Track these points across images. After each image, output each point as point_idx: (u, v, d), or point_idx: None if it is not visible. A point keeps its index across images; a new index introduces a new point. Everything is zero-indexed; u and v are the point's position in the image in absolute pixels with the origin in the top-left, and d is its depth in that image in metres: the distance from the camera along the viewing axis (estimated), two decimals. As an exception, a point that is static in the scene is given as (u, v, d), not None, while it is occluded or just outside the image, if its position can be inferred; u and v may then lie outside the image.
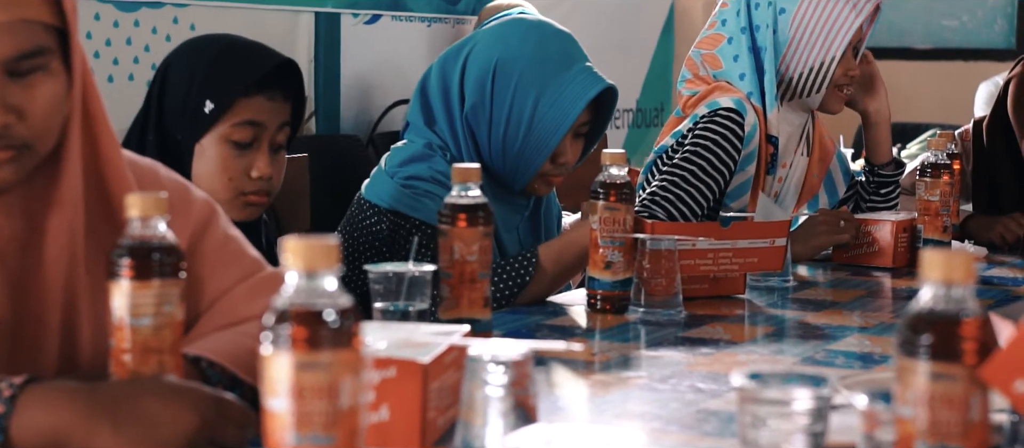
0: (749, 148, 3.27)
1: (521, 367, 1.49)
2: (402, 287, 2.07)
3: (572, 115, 2.75)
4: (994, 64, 7.22)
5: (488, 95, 2.78)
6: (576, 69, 2.79)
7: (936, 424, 1.29)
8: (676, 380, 2.02)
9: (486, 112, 2.78)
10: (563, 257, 2.66)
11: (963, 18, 8.14)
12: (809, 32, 3.31)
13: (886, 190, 3.58)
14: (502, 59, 2.78)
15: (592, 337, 2.42)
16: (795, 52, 3.31)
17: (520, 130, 2.76)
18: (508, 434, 1.45)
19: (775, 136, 3.33)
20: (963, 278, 1.29)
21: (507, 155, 2.78)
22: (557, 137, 2.76)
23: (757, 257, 2.72)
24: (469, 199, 2.18)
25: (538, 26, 2.86)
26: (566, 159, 2.82)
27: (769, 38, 3.31)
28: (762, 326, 2.56)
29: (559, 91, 2.76)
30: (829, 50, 3.30)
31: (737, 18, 3.38)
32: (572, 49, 2.84)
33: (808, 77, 3.32)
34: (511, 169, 2.78)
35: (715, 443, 1.68)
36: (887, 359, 2.18)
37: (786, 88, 3.34)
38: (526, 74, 2.77)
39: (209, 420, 1.54)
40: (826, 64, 3.31)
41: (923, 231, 3.29)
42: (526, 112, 2.76)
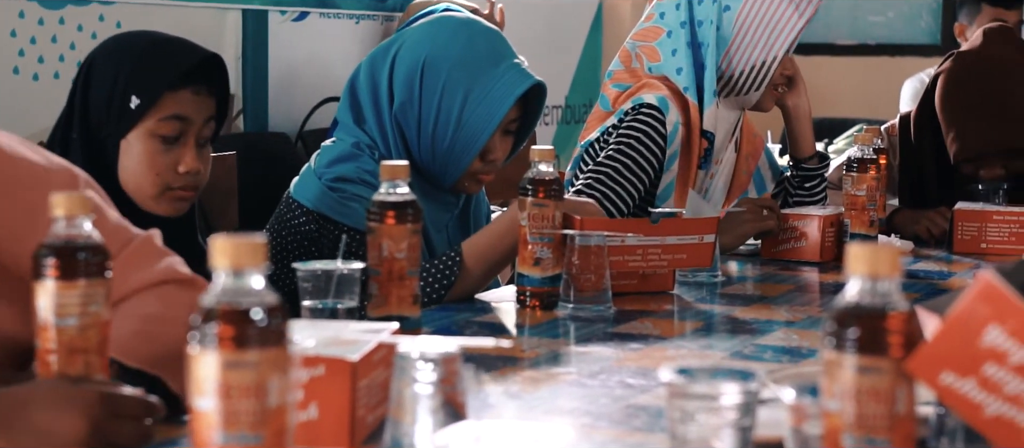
0: (672, 147, 3.28)
1: (450, 364, 1.48)
2: (331, 285, 2.06)
3: (500, 112, 2.75)
4: (920, 60, 7.27)
5: (417, 93, 2.77)
6: (504, 66, 2.79)
7: (863, 417, 1.30)
8: (605, 376, 2.02)
9: (415, 110, 2.77)
10: (487, 254, 2.66)
11: (889, 14, 8.19)
12: (753, 30, 3.32)
13: (811, 184, 3.60)
14: (430, 57, 2.78)
15: (521, 333, 2.42)
16: (738, 50, 3.33)
17: (449, 128, 2.76)
18: (437, 431, 1.45)
19: (711, 132, 3.34)
20: (889, 272, 1.30)
21: (436, 153, 2.77)
22: (486, 134, 2.76)
23: (686, 253, 2.73)
24: (398, 196, 2.18)
25: (466, 24, 2.85)
26: (496, 156, 2.81)
27: (712, 34, 3.33)
28: (691, 321, 2.57)
29: (487, 88, 2.76)
30: (772, 49, 3.32)
31: (677, 12, 3.39)
32: (500, 46, 2.83)
33: (749, 75, 3.34)
34: (441, 167, 2.78)
35: (644, 438, 1.68)
36: (815, 353, 2.19)
37: (725, 85, 3.36)
38: (454, 72, 2.77)
39: (100, 423, 1.53)
40: (768, 63, 3.33)
41: (850, 225, 3.32)
42: (455, 110, 2.75)
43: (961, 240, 3.49)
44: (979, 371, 1.33)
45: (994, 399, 1.33)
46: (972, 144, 3.61)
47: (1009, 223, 3.46)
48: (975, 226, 3.48)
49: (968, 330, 1.33)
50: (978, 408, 1.34)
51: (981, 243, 3.47)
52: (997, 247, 3.45)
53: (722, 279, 2.94)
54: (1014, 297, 1.33)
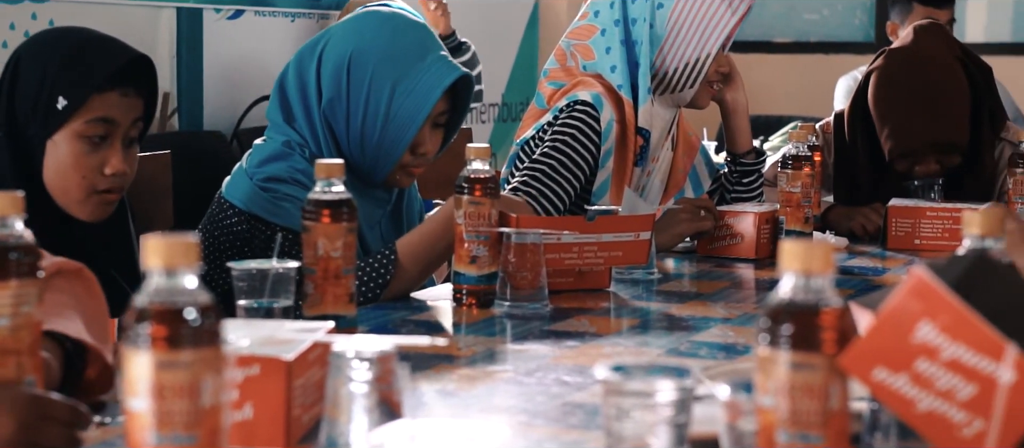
0: (607, 144, 3.28)
1: (385, 363, 1.48)
2: (266, 284, 2.05)
3: (428, 104, 2.75)
4: (854, 57, 7.31)
5: (344, 89, 2.77)
6: (431, 59, 2.79)
7: (797, 413, 1.31)
8: (541, 374, 2.02)
9: (343, 106, 2.77)
10: (422, 252, 2.65)
11: (824, 12, 8.24)
12: (686, 28, 3.34)
13: (748, 179, 3.62)
14: (356, 52, 2.77)
15: (458, 332, 2.42)
16: (671, 47, 3.34)
17: (378, 122, 2.76)
18: (373, 430, 1.45)
19: (647, 129, 3.35)
20: (822, 269, 1.31)
21: (366, 148, 2.77)
22: (414, 127, 2.75)
23: (622, 250, 2.74)
24: (333, 195, 2.17)
25: (392, 18, 2.85)
26: (426, 149, 2.81)
27: (645, 32, 3.34)
28: (627, 318, 2.58)
29: (414, 81, 2.75)
30: (705, 47, 3.34)
31: (611, 10, 3.40)
32: (426, 39, 2.83)
33: (683, 72, 3.35)
34: (371, 161, 2.77)
35: (580, 435, 1.68)
36: (750, 349, 2.20)
37: (660, 82, 3.37)
38: (381, 66, 2.76)
39: (28, 423, 1.53)
40: (701, 60, 3.35)
41: (785, 222, 3.33)
42: (383, 104, 2.75)
43: (895, 236, 3.51)
44: (911, 367, 1.34)
45: (926, 394, 1.34)
46: (905, 141, 3.64)
47: (942, 219, 3.48)
48: (909, 222, 3.51)
49: (900, 326, 1.34)
50: (910, 403, 1.35)
51: (915, 239, 3.50)
52: (930, 243, 3.47)
53: (658, 276, 2.95)
54: (946, 293, 1.34)
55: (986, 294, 1.43)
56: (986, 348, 1.33)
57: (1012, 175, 3.49)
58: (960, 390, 1.34)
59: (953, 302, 1.34)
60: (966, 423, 1.34)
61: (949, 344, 1.33)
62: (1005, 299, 1.47)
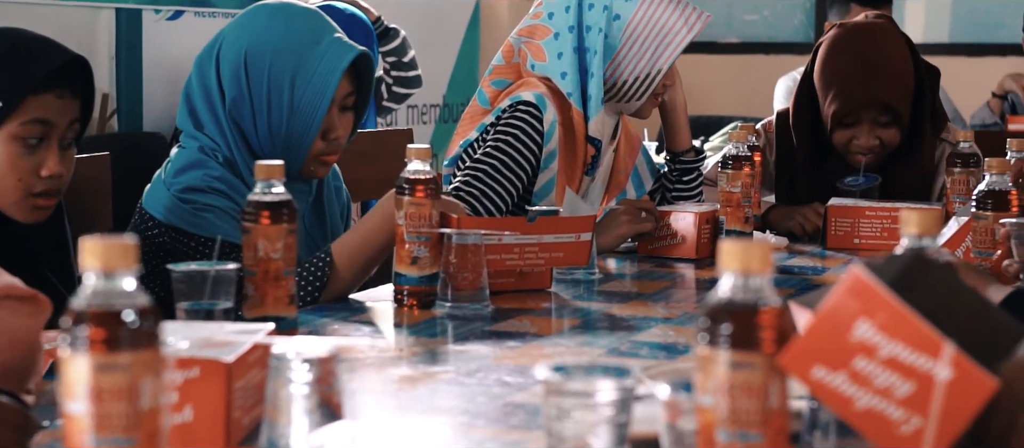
0: (550, 145, 3.29)
1: (326, 364, 1.48)
2: (206, 286, 2.05)
3: (330, 88, 2.75)
4: (794, 58, 7.34)
5: (245, 87, 2.76)
6: (326, 42, 2.78)
7: (736, 412, 1.31)
8: (483, 374, 2.02)
9: (247, 103, 2.76)
10: (358, 254, 2.64)
11: (764, 13, 8.27)
12: (641, 41, 3.35)
13: (689, 178, 3.63)
14: (251, 47, 2.76)
15: (399, 333, 2.42)
16: (624, 59, 3.35)
17: (283, 114, 2.75)
18: (313, 432, 1.44)
19: (599, 139, 3.36)
20: (760, 268, 1.31)
21: (276, 141, 2.76)
22: (320, 113, 2.75)
23: (563, 251, 2.74)
24: (273, 196, 2.17)
25: (282, 8, 2.84)
26: (337, 134, 2.81)
27: (599, 41, 3.34)
28: (568, 319, 2.58)
29: (313, 67, 2.75)
30: (657, 61, 3.35)
31: (566, 15, 3.39)
32: (319, 23, 2.82)
33: (633, 84, 3.36)
34: (283, 155, 2.75)
35: (521, 436, 1.68)
36: (691, 349, 2.21)
37: (608, 91, 3.37)
38: (278, 57, 2.75)
39: None
40: (653, 74, 3.36)
41: (725, 222, 3.34)
42: (285, 95, 2.74)
43: (834, 236, 3.53)
44: (850, 365, 1.35)
45: (864, 392, 1.35)
46: (845, 101, 3.64)
47: (881, 219, 3.51)
48: (848, 222, 3.53)
49: (838, 325, 1.35)
50: (849, 401, 1.35)
51: (854, 238, 3.52)
52: (870, 243, 3.50)
53: (599, 276, 2.95)
54: (884, 291, 1.35)
55: (923, 292, 1.43)
56: (923, 346, 1.34)
57: (950, 174, 3.51)
58: (898, 388, 1.35)
59: (891, 300, 1.35)
60: (904, 420, 1.35)
61: (887, 342, 1.34)
62: (942, 297, 1.47)
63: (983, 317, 1.54)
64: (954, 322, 1.40)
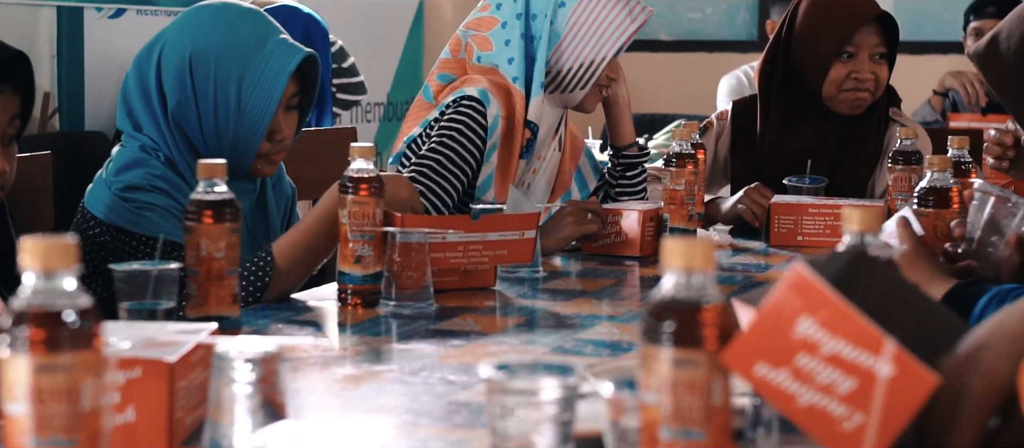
0: (492, 139, 3.29)
1: (269, 364, 1.47)
2: (148, 285, 2.03)
3: (278, 91, 2.74)
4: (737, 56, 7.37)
5: (190, 90, 2.75)
6: (272, 44, 2.78)
7: (679, 409, 1.31)
8: (427, 373, 2.02)
9: (192, 107, 2.75)
10: (299, 253, 2.63)
11: (707, 11, 8.30)
12: (585, 29, 3.35)
13: (633, 173, 3.64)
14: (196, 51, 2.75)
15: (343, 332, 2.41)
16: (569, 46, 3.36)
17: (230, 117, 2.74)
18: (256, 431, 1.44)
19: (535, 123, 3.36)
20: (703, 266, 1.31)
21: (223, 144, 2.75)
22: (268, 115, 2.74)
23: (507, 249, 2.74)
24: (215, 195, 2.16)
25: (224, 9, 2.83)
26: (284, 135, 2.81)
27: (545, 28, 3.35)
28: (513, 317, 2.58)
29: (260, 70, 2.74)
30: (601, 50, 3.36)
31: (514, 4, 3.40)
32: (264, 25, 2.82)
33: (577, 73, 3.37)
34: (229, 156, 2.73)
35: (465, 434, 1.68)
36: (635, 347, 2.21)
37: (552, 80, 3.38)
38: (223, 60, 2.75)
39: None
40: (596, 63, 3.36)
41: (669, 220, 3.35)
42: (232, 98, 2.74)
43: (777, 233, 3.55)
44: (792, 362, 1.35)
45: (807, 389, 1.35)
46: (848, 26, 3.83)
47: (824, 216, 3.52)
48: (791, 219, 3.54)
49: (780, 321, 1.36)
50: (791, 398, 1.36)
51: (797, 236, 3.54)
52: (813, 239, 3.51)
53: (544, 274, 2.96)
54: (825, 288, 1.36)
55: (865, 289, 1.44)
56: (865, 342, 1.35)
57: (892, 172, 3.53)
58: (840, 384, 1.35)
59: (832, 297, 1.35)
60: (846, 417, 1.36)
61: (829, 339, 1.35)
62: (884, 294, 1.48)
63: (924, 313, 1.56)
64: (895, 318, 1.41)
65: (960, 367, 1.45)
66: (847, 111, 3.86)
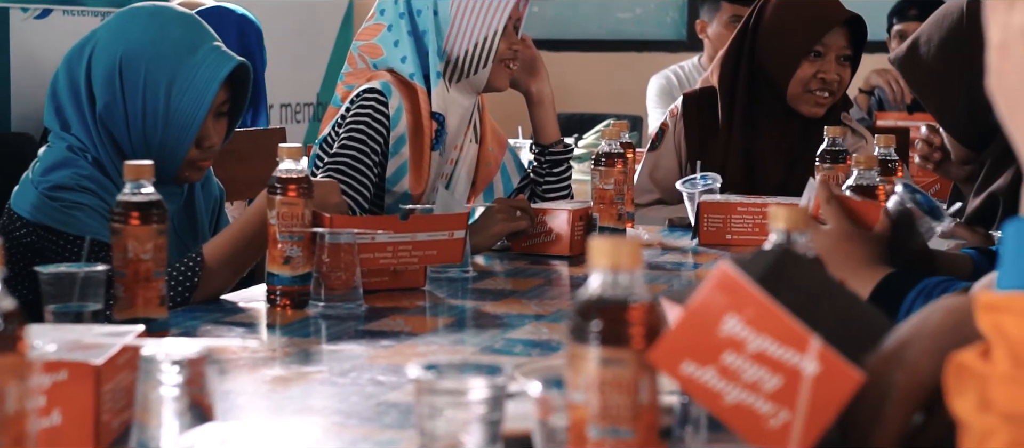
0: (398, 129, 3.29)
1: (196, 366, 1.47)
2: (75, 288, 2.02)
3: (208, 99, 2.74)
4: (667, 55, 7.41)
5: (119, 93, 2.73)
6: (204, 51, 2.77)
7: (607, 408, 1.32)
8: (356, 374, 2.02)
9: (120, 110, 2.73)
10: (230, 255, 2.62)
11: (637, 11, 8.32)
12: (470, 10, 3.37)
13: (559, 169, 3.66)
14: (127, 53, 2.74)
15: (272, 333, 2.40)
16: (458, 30, 3.37)
17: (158, 122, 2.73)
18: (183, 434, 1.43)
19: (441, 114, 3.37)
20: (630, 264, 1.32)
21: (150, 148, 2.73)
22: (197, 122, 2.74)
23: (436, 249, 2.74)
24: (142, 197, 2.14)
25: (158, 13, 2.81)
26: (212, 142, 2.80)
27: (431, 20, 3.37)
28: (442, 317, 2.58)
29: (190, 76, 2.73)
30: (490, 24, 3.37)
31: (395, 5, 3.42)
32: (196, 31, 2.81)
33: (474, 53, 3.38)
34: (157, 161, 2.72)
35: (395, 435, 1.68)
36: (563, 346, 2.21)
37: (453, 68, 3.38)
38: (154, 65, 2.73)
39: None
40: (489, 39, 3.37)
41: (598, 219, 3.36)
42: (161, 103, 2.73)
43: (706, 232, 3.56)
44: (718, 360, 1.36)
45: (733, 387, 1.36)
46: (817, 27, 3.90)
47: (753, 214, 3.54)
48: (720, 218, 3.56)
49: (707, 320, 1.36)
50: (718, 396, 1.37)
51: (726, 234, 3.55)
52: (742, 238, 3.53)
53: (473, 274, 2.96)
54: (751, 287, 1.37)
55: (791, 287, 1.45)
56: (791, 340, 1.36)
57: (819, 170, 3.56)
58: (766, 382, 1.36)
59: (758, 296, 1.36)
60: (772, 414, 1.36)
61: (755, 337, 1.36)
62: (809, 292, 1.49)
63: (850, 310, 1.57)
64: (821, 316, 1.42)
65: (884, 364, 1.46)
66: (808, 112, 3.90)
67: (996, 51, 1.30)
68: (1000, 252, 1.32)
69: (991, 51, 1.32)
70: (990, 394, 1.26)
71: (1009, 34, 1.29)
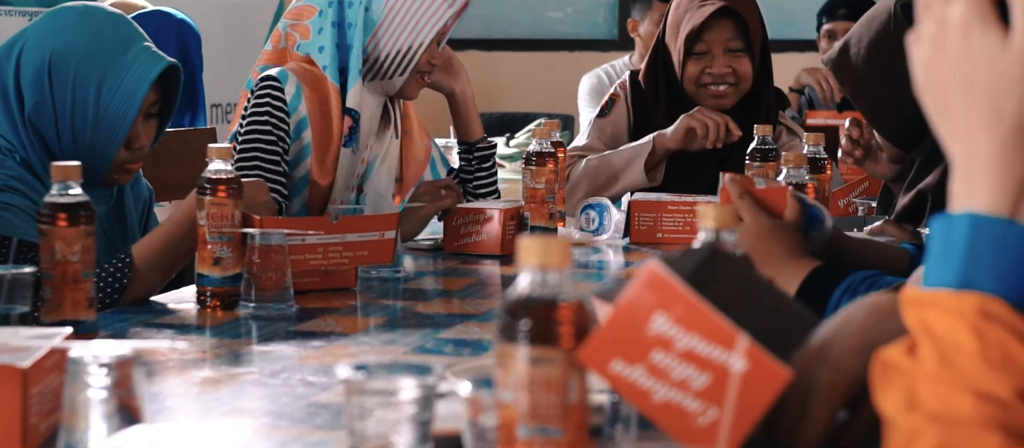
0: (299, 113, 3.28)
1: (125, 368, 1.46)
2: (1, 290, 2.01)
3: (138, 99, 2.72)
4: (598, 55, 7.43)
5: (48, 92, 2.71)
6: (134, 51, 2.75)
7: (536, 407, 1.32)
8: (287, 374, 2.01)
9: (49, 109, 2.72)
10: (159, 256, 2.61)
11: (568, 10, 8.34)
12: (402, 15, 3.35)
13: (487, 165, 3.67)
14: (56, 52, 2.72)
15: (202, 334, 2.40)
16: (385, 33, 3.36)
17: (87, 122, 2.71)
18: (112, 436, 1.43)
19: (355, 110, 3.36)
20: (559, 263, 1.32)
21: (79, 149, 2.72)
22: (127, 123, 2.72)
23: (367, 250, 2.74)
24: (70, 198, 2.13)
25: (88, 13, 2.80)
26: (141, 143, 2.78)
27: (360, 14, 3.35)
28: (374, 317, 2.58)
29: (121, 76, 2.72)
30: (418, 36, 3.35)
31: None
32: (127, 31, 2.79)
33: (395, 59, 3.37)
34: (86, 162, 2.70)
35: (325, 436, 1.68)
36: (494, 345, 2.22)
37: (371, 67, 3.38)
38: (84, 64, 2.72)
39: None
40: (414, 49, 3.36)
41: (530, 219, 3.37)
42: (91, 103, 2.71)
43: (637, 230, 3.57)
44: (647, 358, 1.37)
45: (662, 385, 1.37)
46: (697, 22, 3.89)
47: (683, 213, 3.56)
48: (651, 216, 3.57)
49: (635, 318, 1.37)
50: (647, 394, 1.37)
51: (657, 232, 3.57)
52: (672, 237, 3.54)
53: (404, 274, 2.96)
54: (679, 285, 1.37)
55: (719, 285, 1.46)
56: (718, 338, 1.37)
57: (749, 169, 3.58)
58: (694, 380, 1.37)
59: (686, 294, 1.37)
60: (701, 412, 1.37)
61: (683, 335, 1.37)
62: (737, 290, 1.51)
63: (777, 308, 1.58)
64: (749, 314, 1.43)
65: (810, 361, 1.47)
66: (712, 106, 3.91)
67: (929, 44, 1.32)
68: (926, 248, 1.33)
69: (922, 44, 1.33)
70: (917, 393, 1.27)
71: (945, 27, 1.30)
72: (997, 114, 1.26)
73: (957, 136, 1.30)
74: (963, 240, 1.27)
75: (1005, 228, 1.26)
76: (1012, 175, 1.27)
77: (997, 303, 1.25)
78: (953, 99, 1.29)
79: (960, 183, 1.29)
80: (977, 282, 1.26)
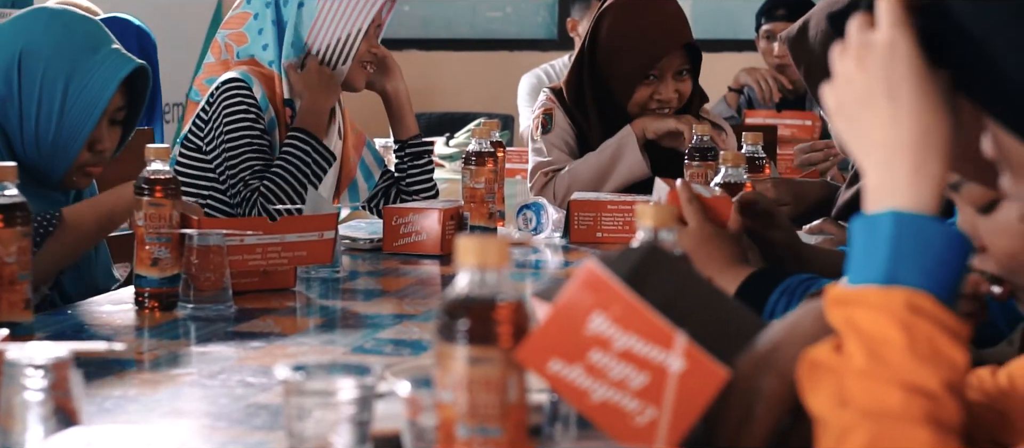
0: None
1: (61, 370, 1.45)
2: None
3: (104, 99, 2.72)
4: (537, 54, 7.44)
5: (15, 88, 2.71)
6: (104, 53, 2.76)
7: (475, 407, 1.32)
8: (226, 375, 2.01)
9: (15, 105, 2.71)
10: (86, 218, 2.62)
11: (507, 10, 8.35)
12: (336, 6, 3.38)
13: (421, 162, 3.70)
14: (26, 49, 2.72)
15: (140, 336, 2.39)
16: (322, 25, 3.40)
17: (52, 120, 2.71)
18: (49, 438, 1.42)
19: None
20: (497, 263, 1.32)
21: (41, 147, 2.71)
22: (91, 123, 2.72)
23: (306, 250, 2.73)
24: (6, 199, 2.12)
25: (60, 13, 2.81)
26: (104, 146, 2.78)
27: (294, 11, 3.38)
28: (313, 318, 2.58)
29: (88, 76, 2.72)
30: (355, 22, 3.39)
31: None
32: (98, 33, 2.80)
33: (335, 48, 3.40)
34: (47, 161, 2.72)
35: (264, 437, 1.68)
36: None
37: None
38: (53, 62, 2.72)
39: None
40: (352, 36, 3.40)
41: (469, 218, 3.37)
42: (57, 100, 2.71)
43: (577, 230, 3.58)
44: (585, 358, 1.37)
45: (600, 385, 1.37)
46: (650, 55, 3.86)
47: (623, 212, 3.57)
48: (590, 216, 3.58)
49: (573, 318, 1.37)
50: (585, 394, 1.38)
51: (597, 232, 3.57)
52: (612, 236, 3.55)
53: (343, 274, 2.95)
54: (617, 284, 1.38)
55: (657, 285, 1.46)
56: (656, 338, 1.37)
57: (688, 168, 3.59)
58: (632, 379, 1.37)
59: (624, 293, 1.37)
60: (639, 412, 1.38)
61: (621, 335, 1.37)
62: (675, 289, 1.51)
63: (717, 308, 1.58)
64: (688, 313, 1.43)
65: (755, 366, 1.48)
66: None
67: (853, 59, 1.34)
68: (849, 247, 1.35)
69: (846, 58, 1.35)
70: (847, 390, 1.28)
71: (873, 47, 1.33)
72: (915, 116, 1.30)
73: (874, 138, 1.32)
74: (887, 237, 1.29)
75: (929, 224, 1.29)
76: (930, 172, 1.30)
77: (924, 297, 1.27)
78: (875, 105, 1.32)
79: (878, 183, 1.32)
80: (903, 278, 1.28)
